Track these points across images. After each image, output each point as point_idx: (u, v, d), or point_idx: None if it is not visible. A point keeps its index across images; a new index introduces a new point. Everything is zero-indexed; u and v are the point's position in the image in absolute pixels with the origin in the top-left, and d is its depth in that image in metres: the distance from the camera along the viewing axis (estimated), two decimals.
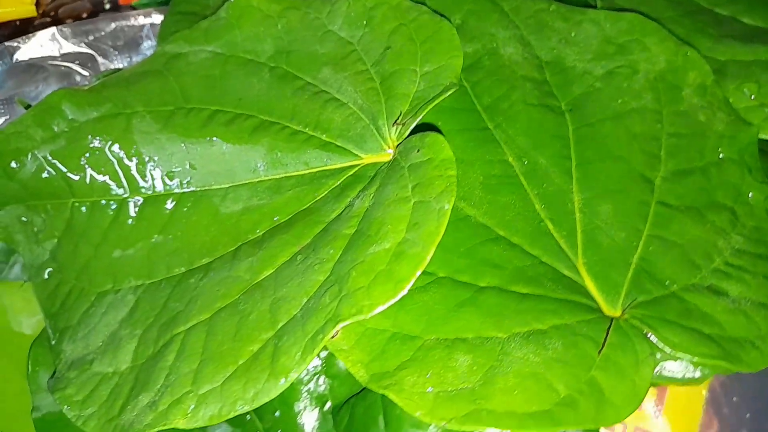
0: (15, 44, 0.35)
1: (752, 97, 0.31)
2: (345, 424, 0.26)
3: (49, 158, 0.33)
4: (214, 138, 0.31)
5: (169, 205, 0.31)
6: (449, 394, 0.21)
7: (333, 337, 0.22)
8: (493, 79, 0.32)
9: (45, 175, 0.33)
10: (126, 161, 0.32)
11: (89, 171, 0.32)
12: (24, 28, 0.38)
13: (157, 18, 0.37)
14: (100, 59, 0.37)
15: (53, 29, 0.36)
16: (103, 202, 0.32)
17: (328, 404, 0.27)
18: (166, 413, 0.23)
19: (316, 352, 0.22)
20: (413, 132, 0.27)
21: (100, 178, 0.32)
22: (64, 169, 0.33)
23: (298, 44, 0.33)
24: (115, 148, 0.32)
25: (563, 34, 0.33)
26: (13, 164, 0.33)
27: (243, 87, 0.32)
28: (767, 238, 0.28)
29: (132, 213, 0.32)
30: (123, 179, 0.32)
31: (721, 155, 0.30)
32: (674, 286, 0.26)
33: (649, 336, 0.23)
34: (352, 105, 0.30)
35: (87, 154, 0.32)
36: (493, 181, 0.28)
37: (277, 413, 0.27)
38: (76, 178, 0.33)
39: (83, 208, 0.33)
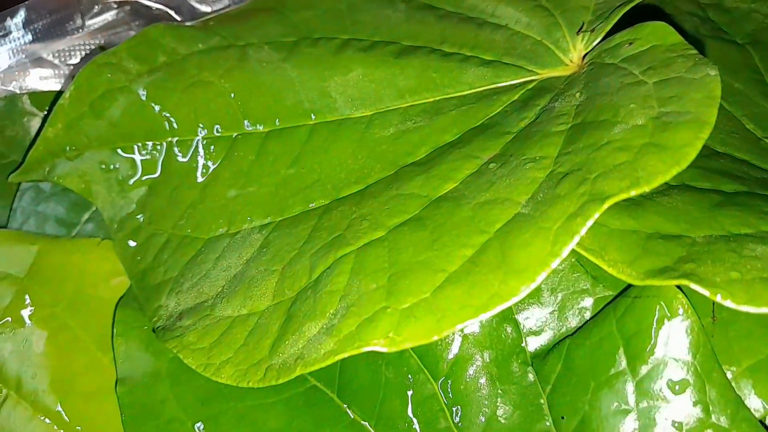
0: None
1: None
2: (558, 372, 0.20)
3: (146, 92, 0.28)
4: (351, 64, 0.27)
5: (301, 137, 0.26)
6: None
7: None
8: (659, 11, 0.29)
9: (139, 112, 0.28)
10: (241, 93, 0.27)
11: (194, 106, 0.28)
12: None
13: None
14: (196, 5, 0.33)
15: None
16: (212, 139, 0.27)
17: (516, 362, 0.21)
18: (355, 336, 0.18)
19: (574, 238, 0.16)
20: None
21: (207, 113, 0.28)
22: (163, 105, 0.28)
23: None
24: (227, 79, 0.28)
25: None
26: (104, 99, 0.28)
27: (376, 17, 0.29)
28: None
29: (252, 149, 0.27)
30: (239, 112, 0.27)
31: None
32: None
33: None
34: (514, 26, 0.27)
35: (192, 88, 0.28)
36: None
37: (450, 365, 0.21)
38: (177, 114, 0.28)
39: (184, 149, 0.28)
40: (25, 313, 0.26)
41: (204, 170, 0.27)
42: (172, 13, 0.33)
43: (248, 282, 0.22)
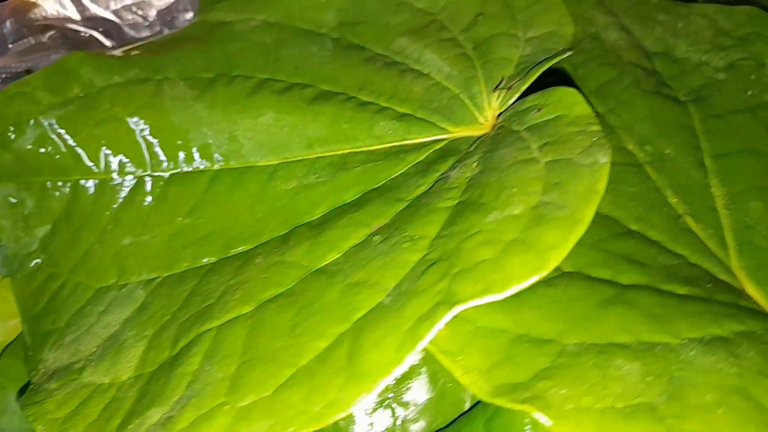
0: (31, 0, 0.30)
1: None
2: None
3: (56, 126, 0.27)
4: (264, 108, 0.26)
5: (203, 183, 0.25)
6: (622, 411, 0.14)
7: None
8: (599, 62, 0.27)
9: (47, 146, 0.27)
10: (150, 132, 0.26)
11: (103, 143, 0.27)
12: None
13: None
14: (127, 30, 0.32)
15: None
16: (117, 179, 0.26)
17: None
18: None
19: (419, 344, 0.15)
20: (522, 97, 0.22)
21: (115, 151, 0.26)
22: (72, 140, 0.27)
23: (366, 16, 0.28)
24: (139, 116, 0.26)
25: (668, 25, 0.29)
26: (11, 131, 0.27)
27: (300, 55, 0.27)
28: None
29: (152, 193, 0.25)
30: (145, 153, 0.26)
31: None
32: None
33: None
34: (436, 75, 0.25)
35: (102, 124, 0.27)
36: (613, 169, 0.23)
37: None
38: (86, 151, 0.27)
39: (90, 187, 0.27)
40: None
41: (105, 214, 0.26)
42: (101, 38, 0.32)
43: (119, 346, 0.21)
